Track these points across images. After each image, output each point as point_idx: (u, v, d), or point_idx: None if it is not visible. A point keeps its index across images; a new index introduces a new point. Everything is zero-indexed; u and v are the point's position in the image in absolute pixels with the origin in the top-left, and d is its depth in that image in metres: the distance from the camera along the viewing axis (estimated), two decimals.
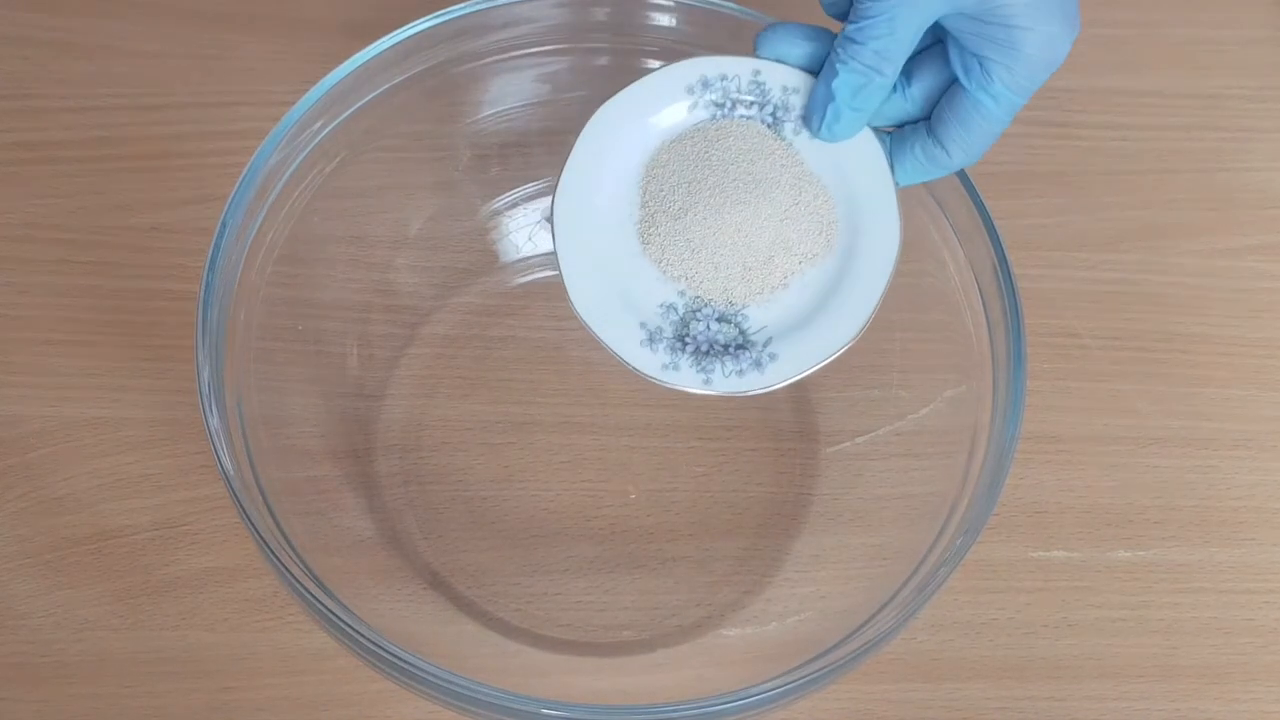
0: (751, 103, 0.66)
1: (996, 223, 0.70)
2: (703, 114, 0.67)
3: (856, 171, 0.66)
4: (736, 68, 0.66)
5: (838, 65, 0.62)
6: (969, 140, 0.64)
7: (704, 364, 0.67)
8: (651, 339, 0.67)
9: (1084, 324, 0.84)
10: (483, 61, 0.75)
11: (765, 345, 0.67)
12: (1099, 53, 0.92)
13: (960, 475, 0.69)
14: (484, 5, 0.72)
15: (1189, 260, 0.86)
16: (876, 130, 0.66)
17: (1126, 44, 0.92)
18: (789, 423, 0.80)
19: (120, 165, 0.85)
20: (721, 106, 0.66)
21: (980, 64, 0.62)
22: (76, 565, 0.76)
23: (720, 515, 0.78)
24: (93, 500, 0.77)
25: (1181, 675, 0.76)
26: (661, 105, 0.67)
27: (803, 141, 0.66)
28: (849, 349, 0.66)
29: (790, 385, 0.66)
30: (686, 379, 0.66)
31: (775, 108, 0.66)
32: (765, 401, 0.80)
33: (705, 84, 0.66)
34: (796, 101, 0.66)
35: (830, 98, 0.63)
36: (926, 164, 0.65)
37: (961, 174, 0.71)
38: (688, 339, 0.67)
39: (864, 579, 0.71)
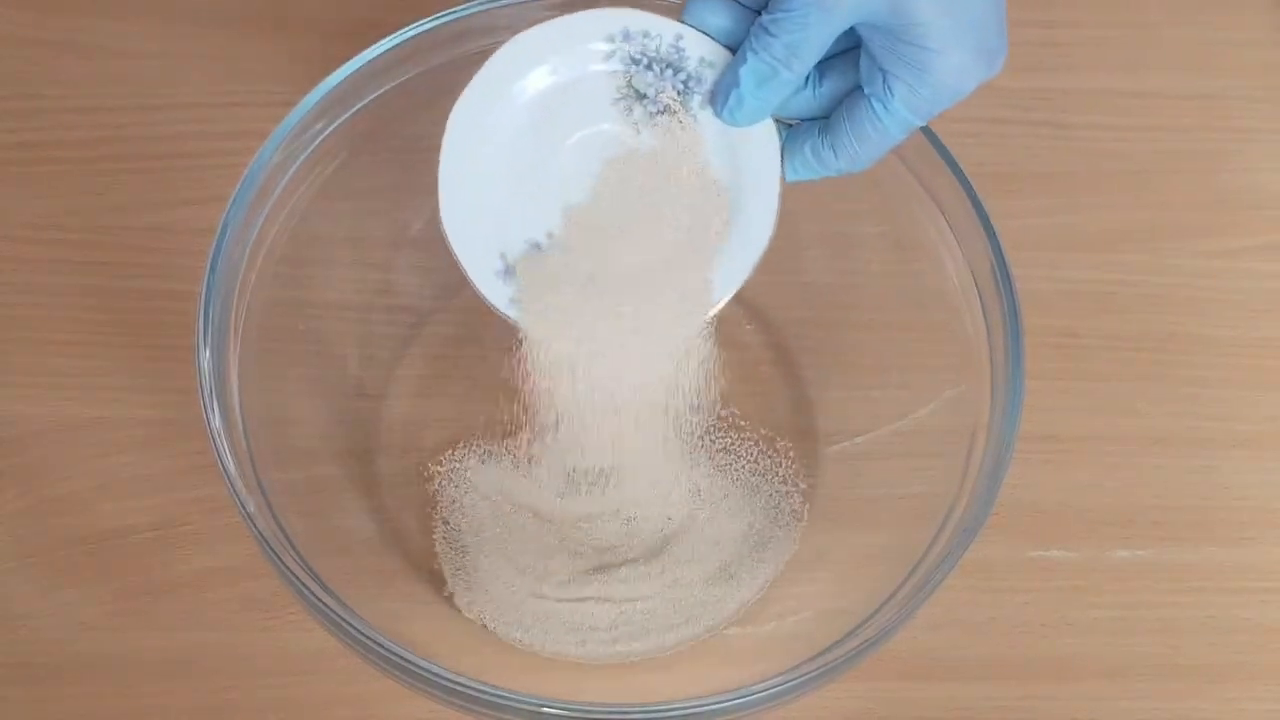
0: (666, 66, 0.65)
1: (995, 223, 0.70)
2: (617, 65, 0.66)
3: (750, 156, 0.66)
4: (661, 28, 0.65)
5: (748, 53, 0.62)
6: (858, 149, 0.63)
7: None
8: (507, 272, 0.67)
9: (1083, 324, 0.84)
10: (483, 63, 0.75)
11: None
12: (1098, 53, 0.92)
13: (959, 475, 0.69)
14: (485, 6, 0.72)
15: (1188, 261, 0.86)
16: (778, 121, 0.65)
17: (1126, 44, 0.93)
18: (788, 422, 0.80)
19: (121, 165, 0.85)
20: (637, 63, 0.66)
21: (885, 78, 0.61)
22: (76, 565, 0.76)
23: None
24: (92, 500, 0.77)
25: (1181, 674, 0.76)
26: (578, 45, 0.66)
27: (707, 116, 0.66)
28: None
29: None
30: None
31: (689, 77, 0.65)
32: (765, 401, 0.81)
33: (626, 36, 0.66)
34: (710, 76, 0.65)
35: (736, 83, 0.63)
36: (814, 163, 0.65)
37: (960, 174, 0.71)
38: None
39: (863, 578, 0.71)
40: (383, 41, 0.72)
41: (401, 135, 0.76)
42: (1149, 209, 0.87)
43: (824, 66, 0.63)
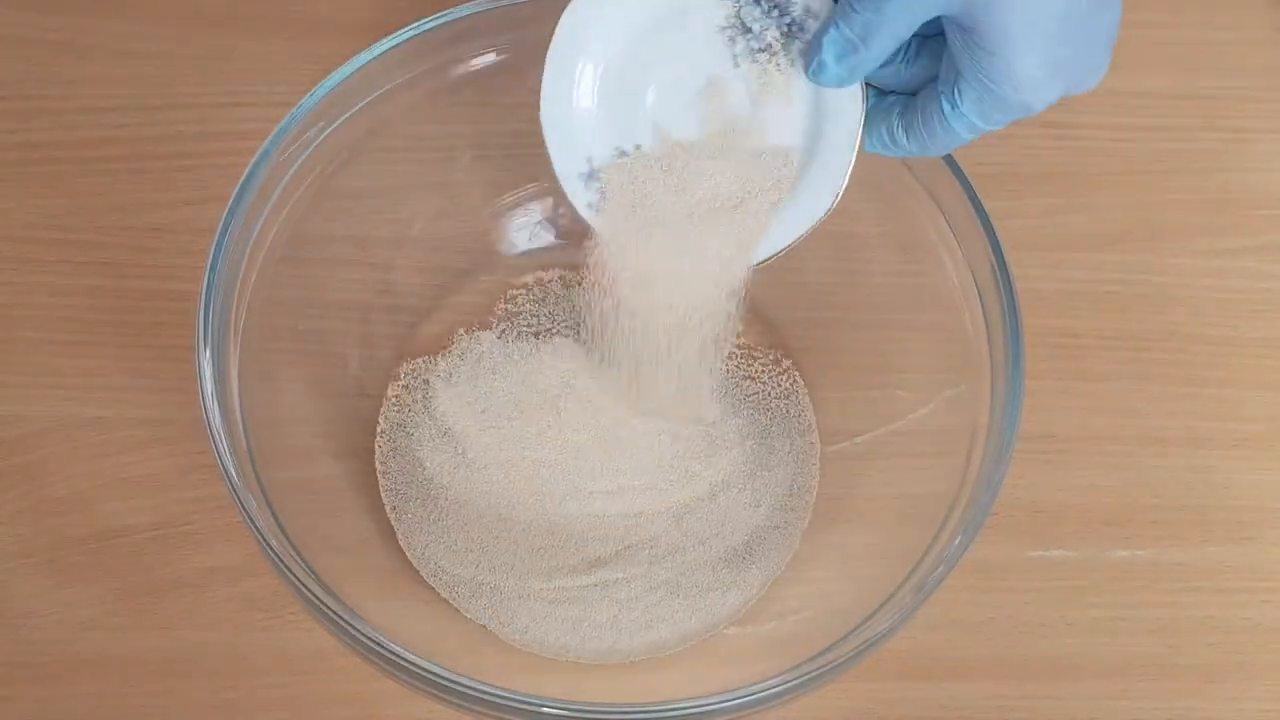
0: (774, 6, 0.65)
1: (995, 223, 0.70)
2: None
3: (833, 117, 0.66)
4: None
5: (832, 24, 0.61)
6: (927, 139, 0.63)
7: None
8: (591, 176, 0.68)
9: (1082, 324, 0.84)
10: (484, 63, 0.75)
11: None
12: None
13: (959, 475, 0.69)
14: (485, 7, 0.73)
15: (1187, 260, 0.86)
16: (872, 86, 0.65)
17: (1126, 44, 0.91)
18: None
19: (121, 166, 0.85)
20: None
21: (957, 79, 0.61)
22: (77, 565, 0.76)
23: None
24: (94, 500, 0.77)
25: (1180, 674, 0.76)
26: None
27: (800, 68, 0.66)
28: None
29: None
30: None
31: (793, 22, 0.65)
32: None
33: None
34: (812, 27, 0.65)
35: (819, 49, 0.63)
36: (888, 141, 0.65)
37: (960, 174, 0.71)
38: None
39: (863, 578, 0.71)
40: (383, 41, 0.72)
41: (402, 135, 0.76)
42: (1149, 209, 0.87)
43: (922, 42, 0.63)
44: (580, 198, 0.69)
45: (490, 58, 0.75)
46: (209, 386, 0.65)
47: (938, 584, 0.65)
